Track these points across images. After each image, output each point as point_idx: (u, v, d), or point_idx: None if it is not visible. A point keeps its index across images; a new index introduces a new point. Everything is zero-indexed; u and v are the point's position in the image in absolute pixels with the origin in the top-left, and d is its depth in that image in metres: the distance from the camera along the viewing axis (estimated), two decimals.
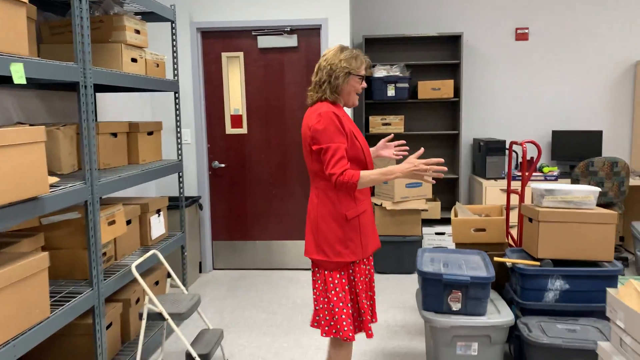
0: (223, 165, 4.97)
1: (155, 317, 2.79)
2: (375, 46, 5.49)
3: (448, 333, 2.75)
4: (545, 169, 5.05)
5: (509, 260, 3.06)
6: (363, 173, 2.27)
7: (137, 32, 3.26)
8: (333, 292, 2.38)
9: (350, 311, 2.38)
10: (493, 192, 5.03)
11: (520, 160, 5.43)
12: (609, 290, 1.81)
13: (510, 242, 4.05)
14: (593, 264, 3.01)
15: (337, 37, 4.65)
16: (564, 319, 2.87)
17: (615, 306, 1.72)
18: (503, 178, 5.14)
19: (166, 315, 2.77)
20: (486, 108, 5.55)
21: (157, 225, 3.57)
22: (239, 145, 4.95)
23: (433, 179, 5.19)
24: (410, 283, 4.59)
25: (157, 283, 3.56)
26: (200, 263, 4.96)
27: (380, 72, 5.15)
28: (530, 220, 3.11)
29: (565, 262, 3.02)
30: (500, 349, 2.77)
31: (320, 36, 4.73)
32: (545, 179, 5.01)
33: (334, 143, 2.27)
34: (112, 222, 2.89)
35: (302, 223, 4.98)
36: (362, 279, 2.45)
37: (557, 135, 5.35)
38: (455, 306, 2.81)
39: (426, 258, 3.12)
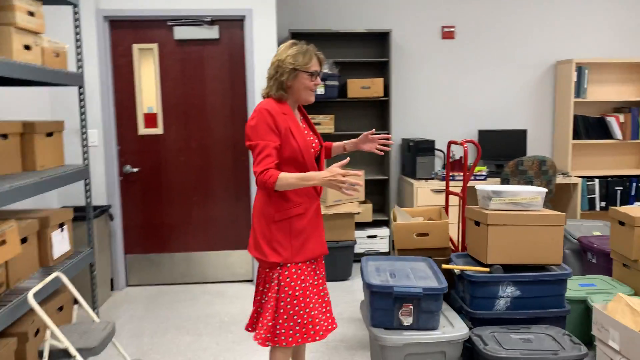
0: (136, 169, 4.47)
1: (60, 355, 2.33)
2: (303, 41, 5.18)
3: (400, 351, 2.51)
4: (475, 169, 4.99)
5: (458, 268, 2.87)
6: (282, 175, 2.14)
7: (31, 14, 2.75)
8: (261, 289, 2.36)
9: (276, 314, 2.24)
10: (424, 192, 4.91)
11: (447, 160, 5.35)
12: (596, 305, 1.63)
13: (450, 245, 3.91)
14: (540, 268, 2.90)
15: (262, 30, 4.32)
16: (515, 328, 2.73)
17: (607, 325, 1.54)
18: (433, 178, 5.03)
19: (73, 352, 2.31)
20: (414, 107, 5.43)
21: (60, 242, 3.06)
22: (154, 147, 4.47)
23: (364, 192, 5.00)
24: (343, 291, 4.34)
25: (61, 309, 3.05)
26: (112, 280, 4.42)
27: None
28: (477, 223, 2.95)
29: (511, 267, 2.88)
30: None
31: (244, 28, 4.36)
32: (475, 179, 4.96)
33: (263, 140, 2.18)
34: (2, 243, 2.38)
35: (225, 232, 4.59)
36: (293, 284, 2.24)
37: (483, 134, 5.33)
38: (407, 321, 2.57)
39: (371, 268, 2.88)
